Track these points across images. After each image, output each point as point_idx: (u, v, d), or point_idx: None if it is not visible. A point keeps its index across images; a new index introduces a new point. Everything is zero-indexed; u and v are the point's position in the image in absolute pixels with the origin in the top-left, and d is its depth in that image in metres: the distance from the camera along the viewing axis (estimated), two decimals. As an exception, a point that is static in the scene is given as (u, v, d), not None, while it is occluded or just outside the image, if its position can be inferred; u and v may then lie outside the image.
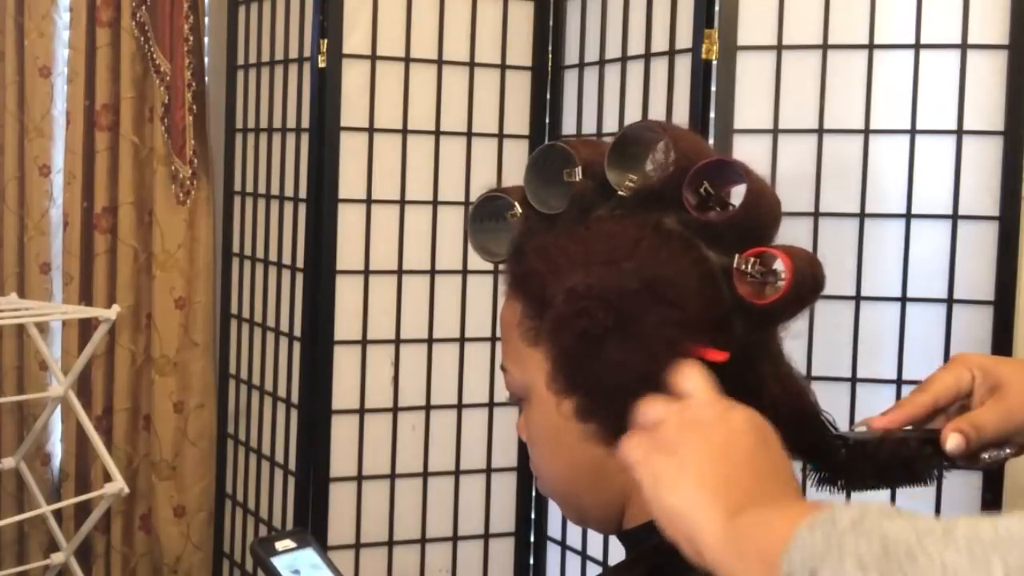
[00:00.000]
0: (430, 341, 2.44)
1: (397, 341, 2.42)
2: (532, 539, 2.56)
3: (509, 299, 0.86)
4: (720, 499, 0.63)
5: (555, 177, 0.85)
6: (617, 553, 2.37)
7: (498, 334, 2.47)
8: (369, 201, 2.37)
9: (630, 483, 0.81)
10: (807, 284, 0.78)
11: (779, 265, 0.78)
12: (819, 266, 0.80)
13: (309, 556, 0.86)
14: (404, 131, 2.39)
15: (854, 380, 2.04)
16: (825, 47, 2.04)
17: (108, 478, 2.49)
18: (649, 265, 0.77)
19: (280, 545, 0.86)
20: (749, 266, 0.77)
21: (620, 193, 0.81)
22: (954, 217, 2.01)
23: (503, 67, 2.46)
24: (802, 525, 0.56)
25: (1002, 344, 1.99)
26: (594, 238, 0.80)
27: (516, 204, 0.87)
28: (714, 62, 2.07)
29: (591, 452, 0.81)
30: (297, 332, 2.43)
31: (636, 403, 0.73)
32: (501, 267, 0.89)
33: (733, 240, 0.79)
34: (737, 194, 0.82)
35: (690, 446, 0.66)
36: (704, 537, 0.62)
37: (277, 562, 0.84)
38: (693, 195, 0.79)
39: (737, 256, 0.78)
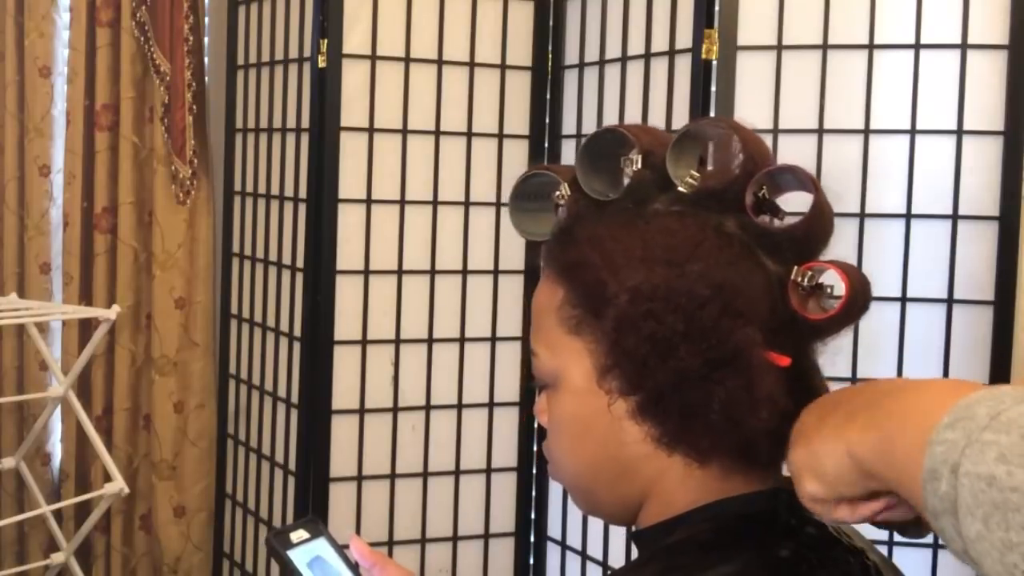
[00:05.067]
0: (430, 341, 2.44)
1: (397, 341, 2.42)
2: (532, 539, 2.56)
3: (549, 283, 0.83)
4: (853, 424, 0.67)
5: (610, 162, 0.82)
6: (617, 553, 2.37)
7: (498, 334, 2.48)
8: (369, 201, 2.37)
9: (651, 484, 0.81)
10: (859, 303, 0.78)
11: (826, 279, 0.77)
12: (869, 285, 0.80)
13: (322, 546, 0.86)
14: (404, 131, 2.39)
15: (854, 380, 2.04)
16: (825, 47, 2.04)
17: (108, 478, 2.49)
18: (715, 268, 0.75)
19: (295, 537, 0.85)
20: (805, 279, 0.77)
21: (680, 188, 0.79)
22: (954, 217, 2.01)
23: (503, 67, 2.46)
24: (941, 422, 0.58)
25: (1002, 344, 1.99)
26: (653, 234, 0.78)
27: (564, 185, 0.84)
28: (714, 62, 2.07)
29: (619, 450, 0.80)
30: (297, 332, 2.43)
31: (704, 407, 0.75)
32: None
33: (790, 251, 0.78)
34: (784, 200, 0.81)
35: (812, 423, 0.71)
36: (859, 456, 0.66)
37: (293, 555, 0.84)
38: (750, 196, 0.78)
39: (796, 268, 0.77)
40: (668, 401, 0.76)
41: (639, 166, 0.80)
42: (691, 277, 0.75)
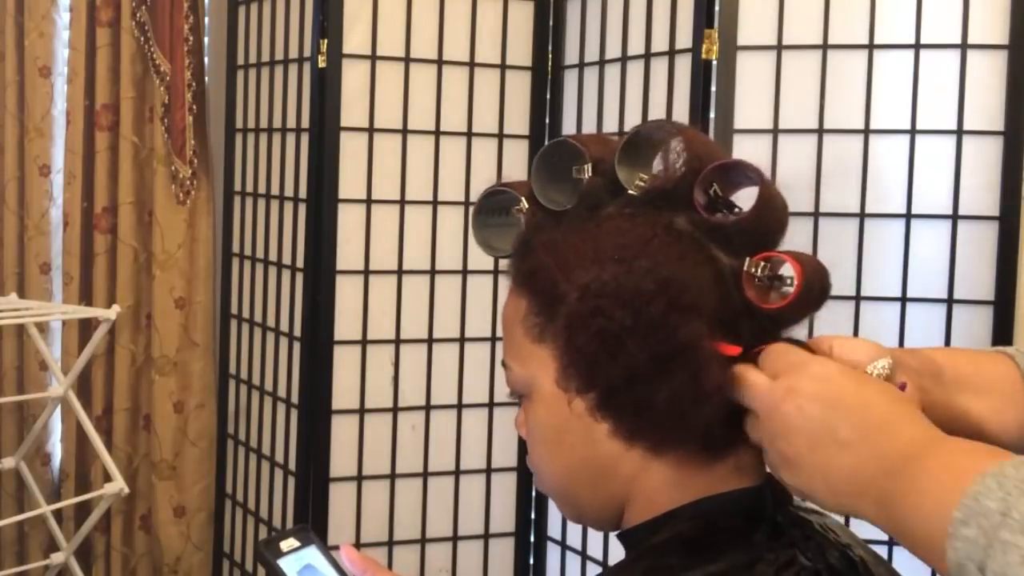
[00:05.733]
0: (430, 341, 2.44)
1: (397, 341, 2.42)
2: (532, 539, 2.56)
3: (513, 295, 0.85)
4: (864, 499, 0.70)
5: (564, 173, 0.84)
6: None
7: (498, 334, 2.47)
8: (369, 201, 2.37)
9: (630, 484, 0.82)
10: (815, 291, 0.79)
11: (786, 270, 0.78)
12: (826, 274, 0.81)
13: (313, 554, 0.86)
14: (404, 131, 2.39)
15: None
16: (825, 47, 2.04)
17: (108, 478, 2.49)
18: (662, 264, 0.77)
19: (285, 545, 0.86)
20: (758, 270, 0.78)
21: (630, 191, 0.81)
22: (954, 217, 2.01)
23: (503, 67, 2.46)
24: (956, 516, 0.61)
25: (1002, 344, 1.99)
26: (604, 235, 0.80)
27: (522, 199, 0.86)
28: (714, 62, 2.07)
29: (594, 451, 0.81)
30: (297, 332, 2.43)
31: (654, 400, 0.76)
32: (504, 263, 0.89)
33: (742, 243, 0.79)
34: (744, 197, 0.82)
35: (802, 458, 0.72)
36: (873, 521, 0.70)
37: (284, 564, 0.84)
38: (702, 195, 0.79)
39: (748, 259, 0.78)
40: (621, 396, 0.78)
41: (590, 174, 0.82)
42: (638, 273, 0.76)
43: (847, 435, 0.70)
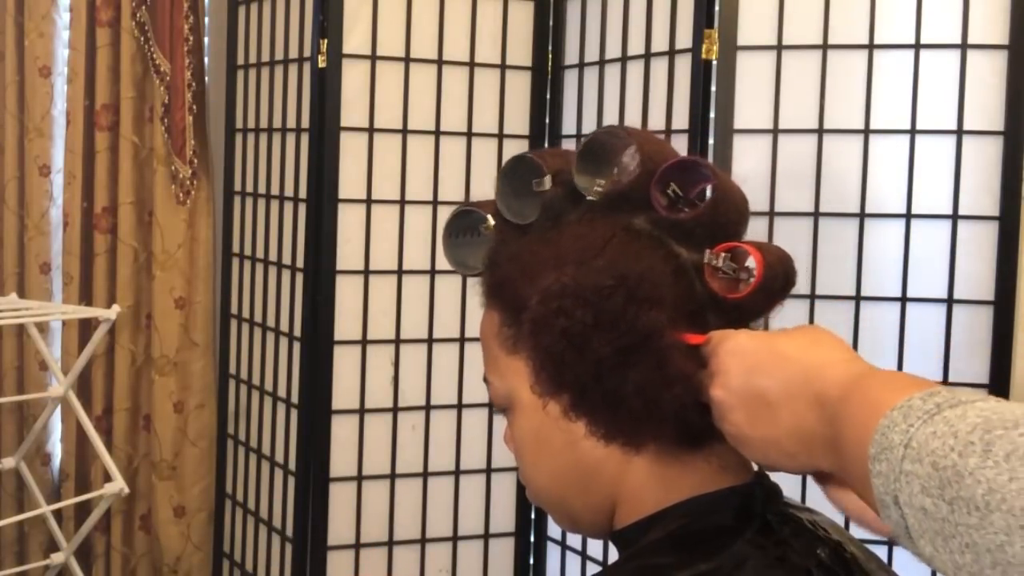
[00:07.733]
0: (430, 341, 2.44)
1: (397, 341, 2.42)
2: (532, 539, 2.56)
3: (486, 310, 0.88)
4: (812, 452, 0.70)
5: (526, 188, 0.87)
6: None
7: (498, 334, 2.48)
8: (369, 201, 2.37)
9: (616, 485, 0.82)
10: (778, 280, 0.81)
11: (749, 261, 0.80)
12: (790, 262, 0.82)
13: None
14: (404, 131, 2.39)
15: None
16: (825, 47, 2.04)
17: (108, 478, 2.49)
18: (620, 261, 0.78)
19: None
20: (720, 261, 0.79)
21: (589, 198, 0.83)
22: (954, 217, 2.01)
23: (503, 67, 2.46)
24: (869, 453, 0.62)
25: (1002, 344, 1.99)
26: (565, 240, 0.82)
27: (489, 217, 0.88)
28: (714, 62, 2.07)
29: (575, 454, 0.82)
30: (297, 332, 2.43)
31: (623, 392, 0.77)
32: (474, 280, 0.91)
33: (703, 237, 0.80)
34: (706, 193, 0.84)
35: (746, 432, 0.74)
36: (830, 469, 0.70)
37: None
38: (662, 196, 0.81)
39: (708, 251, 0.79)
40: (592, 393, 0.79)
41: (550, 186, 0.85)
42: (596, 271, 0.78)
43: (775, 396, 0.71)
